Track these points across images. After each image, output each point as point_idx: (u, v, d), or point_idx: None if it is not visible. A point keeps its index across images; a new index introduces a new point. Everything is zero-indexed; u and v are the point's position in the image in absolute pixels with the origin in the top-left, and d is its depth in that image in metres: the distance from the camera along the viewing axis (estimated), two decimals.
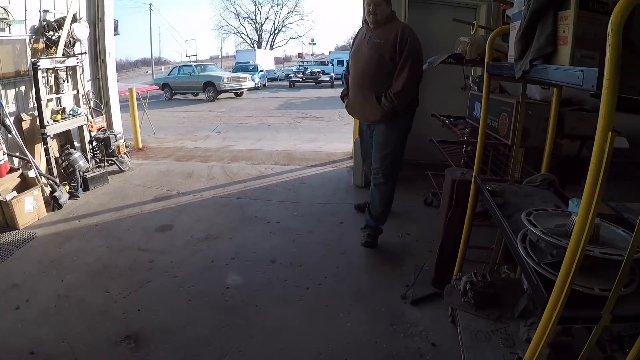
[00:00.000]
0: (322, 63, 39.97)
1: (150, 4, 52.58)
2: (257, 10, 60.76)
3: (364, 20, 4.41)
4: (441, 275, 3.42)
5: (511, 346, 2.45)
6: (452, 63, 3.91)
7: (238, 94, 26.70)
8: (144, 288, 3.94)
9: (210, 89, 24.91)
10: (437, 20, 6.38)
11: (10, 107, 6.09)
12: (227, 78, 25.57)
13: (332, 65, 38.02)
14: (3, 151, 5.52)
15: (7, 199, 5.30)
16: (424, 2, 6.53)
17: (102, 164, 7.52)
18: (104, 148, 7.59)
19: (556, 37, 1.65)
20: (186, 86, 26.52)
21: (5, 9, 5.77)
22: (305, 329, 3.31)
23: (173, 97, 26.92)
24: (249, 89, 27.96)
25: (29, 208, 5.54)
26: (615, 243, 1.70)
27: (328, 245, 4.62)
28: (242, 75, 27.81)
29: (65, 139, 7.11)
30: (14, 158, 5.94)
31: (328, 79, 33.33)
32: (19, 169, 5.87)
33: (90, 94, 7.76)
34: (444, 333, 3.12)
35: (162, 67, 61.95)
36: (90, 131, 7.50)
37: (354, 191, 6.09)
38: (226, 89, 25.20)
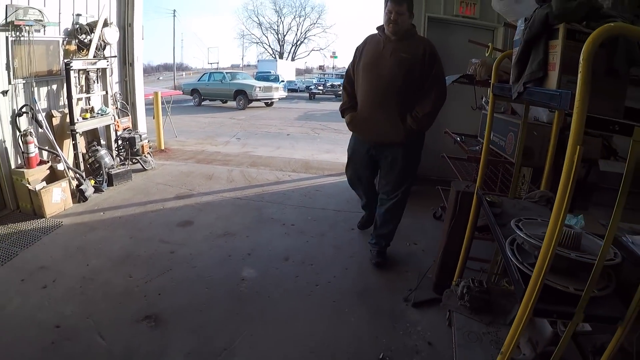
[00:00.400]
0: (342, 76, 39.18)
1: (174, 10, 53.15)
2: (279, 20, 60.44)
3: (380, 29, 4.15)
4: (442, 282, 3.63)
5: (500, 348, 2.69)
6: (465, 83, 4.13)
7: (269, 104, 26.14)
8: (165, 275, 4.24)
9: (242, 97, 24.40)
10: (456, 40, 6.55)
11: (42, 104, 6.43)
12: (259, 87, 24.84)
13: None
14: (34, 144, 5.87)
15: (37, 189, 5.66)
16: (443, 22, 6.75)
17: (127, 162, 7.92)
18: (129, 147, 7.97)
19: (547, 63, 1.91)
20: (216, 93, 26.13)
21: (40, 12, 6.12)
22: (313, 321, 3.58)
23: (202, 104, 26.50)
24: (280, 99, 27.37)
25: (57, 199, 5.89)
26: (595, 251, 1.94)
27: (338, 248, 4.87)
28: (274, 85, 27.33)
29: (92, 136, 7.47)
30: (44, 151, 6.25)
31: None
32: (48, 162, 6.22)
33: (118, 95, 8.19)
34: (440, 334, 3.34)
35: (184, 73, 62.41)
36: (116, 130, 7.90)
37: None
38: (258, 98, 24.59)
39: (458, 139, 4.72)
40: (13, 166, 5.91)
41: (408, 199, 4.52)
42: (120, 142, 7.99)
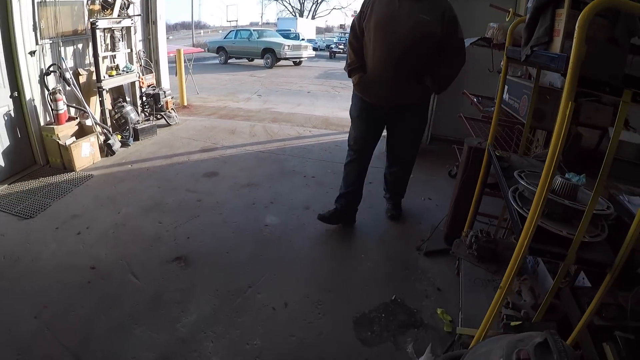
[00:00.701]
0: None
1: None
2: None
3: None
4: (453, 233, 3.83)
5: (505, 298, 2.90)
6: (483, 46, 4.23)
7: (297, 63, 25.38)
8: (193, 221, 4.53)
9: (269, 55, 23.47)
10: (478, 4, 6.47)
11: (69, 63, 6.63)
12: (288, 45, 23.89)
13: None
14: (63, 101, 6.12)
15: (67, 144, 5.93)
16: None
17: (151, 118, 8.21)
18: (154, 103, 8.25)
19: (552, 29, 2.09)
20: (243, 51, 25.21)
21: None
22: (331, 263, 3.88)
23: (228, 62, 25.78)
24: (308, 58, 26.62)
25: (86, 153, 6.16)
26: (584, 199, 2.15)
27: None
28: (302, 43, 26.24)
29: (118, 93, 7.69)
30: (71, 108, 6.51)
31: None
32: (76, 118, 6.47)
33: (142, 52, 8.40)
34: (449, 281, 3.59)
35: (202, 32, 61.89)
36: (141, 87, 8.15)
37: (384, 157, 6.52)
38: (286, 56, 23.72)
39: (475, 99, 4.77)
40: (42, 123, 6.18)
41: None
42: (144, 98, 8.24)
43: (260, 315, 3.18)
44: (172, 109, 8.72)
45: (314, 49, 36.10)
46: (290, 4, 59.05)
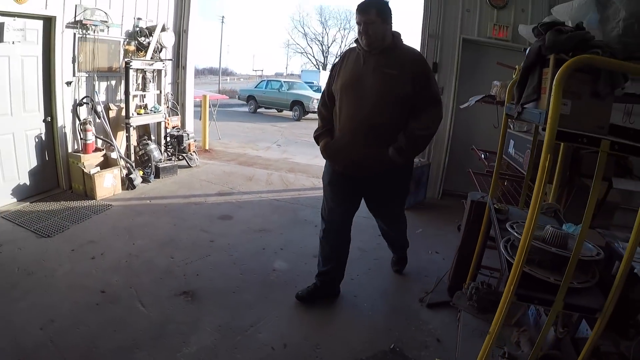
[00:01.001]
0: None
1: (223, 17, 54.25)
2: (324, 32, 58.88)
3: (358, 42, 3.46)
4: (456, 285, 3.88)
5: (502, 345, 2.95)
6: (489, 102, 4.38)
7: None
8: (204, 260, 4.67)
9: (298, 107, 23.18)
10: (488, 61, 6.69)
11: (101, 97, 7.06)
12: (317, 99, 21.69)
13: None
14: (92, 132, 6.50)
15: (91, 172, 6.27)
16: (477, 43, 7.00)
17: (173, 158, 8.49)
18: (177, 144, 8.55)
19: (540, 87, 2.24)
20: (272, 101, 25.01)
21: (106, 13, 6.77)
22: (334, 310, 3.95)
23: (257, 111, 25.68)
24: None
25: (108, 184, 6.46)
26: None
27: (364, 251, 5.19)
28: None
29: (144, 131, 8.08)
30: (99, 140, 6.86)
31: None
32: (102, 150, 6.84)
33: (170, 95, 8.82)
34: (450, 333, 3.61)
35: (228, 78, 63.23)
36: (166, 127, 8.47)
37: None
38: (314, 110, 21.41)
39: (482, 155, 4.89)
40: (70, 150, 6.58)
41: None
42: (169, 138, 8.55)
43: (259, 353, 3.26)
44: (194, 151, 9.01)
45: None
46: (314, 56, 59.89)
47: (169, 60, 8.54)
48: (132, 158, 7.33)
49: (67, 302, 3.68)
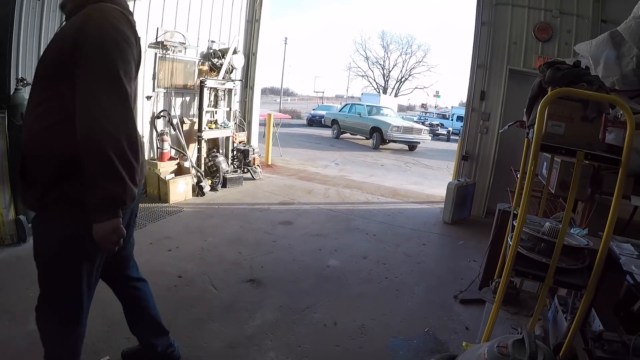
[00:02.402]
0: (443, 117, 38.56)
1: (286, 38, 55.71)
2: (386, 56, 60.35)
3: None
4: (485, 283, 4.36)
5: (516, 331, 3.41)
6: (521, 127, 4.81)
7: (411, 147, 21.42)
8: (267, 255, 5.34)
9: (376, 135, 20.63)
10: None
11: (177, 111, 7.91)
12: (397, 127, 20.28)
13: (452, 120, 35.59)
14: (168, 143, 7.36)
15: (166, 178, 7.09)
16: (523, 74, 7.37)
17: (239, 170, 9.32)
18: (243, 158, 9.39)
19: None
20: (354, 127, 22.93)
21: (184, 36, 7.75)
22: (378, 300, 4.51)
23: (341, 136, 23.96)
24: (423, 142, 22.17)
25: (180, 189, 7.28)
26: (571, 242, 2.77)
27: (409, 255, 5.75)
28: (415, 125, 22.62)
29: (213, 144, 8.94)
30: (173, 150, 7.69)
31: (445, 132, 31.37)
32: (176, 159, 7.69)
33: (238, 112, 9.74)
34: (477, 323, 4.07)
35: (289, 99, 64.33)
36: (233, 142, 9.35)
37: (441, 225, 7.18)
38: (393, 138, 20.16)
39: (517, 175, 5.31)
40: (147, 157, 7.39)
41: (66, 329, 2.40)
42: (235, 152, 9.41)
43: (313, 328, 3.87)
44: (258, 165, 9.82)
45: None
46: (375, 80, 60.01)
47: (239, 80, 9.46)
48: (202, 168, 8.14)
49: (149, 284, 4.32)
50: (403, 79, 59.75)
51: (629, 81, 3.73)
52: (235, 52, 8.86)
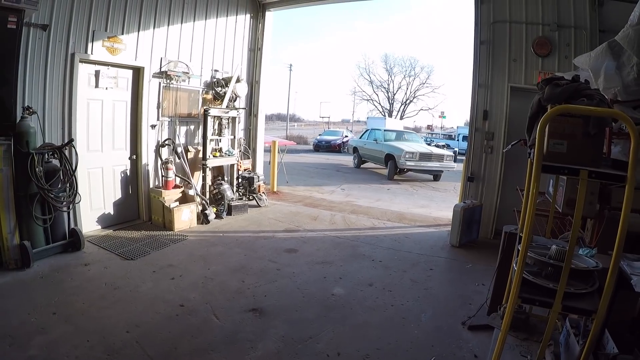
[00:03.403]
0: (449, 137, 38.54)
1: (291, 65, 56.30)
2: (390, 79, 60.15)
3: None
4: (494, 307, 4.28)
5: (526, 358, 3.33)
6: (524, 146, 4.74)
7: (436, 177, 18.12)
8: (271, 284, 5.26)
9: (390, 163, 17.62)
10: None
11: (181, 140, 7.98)
12: (411, 153, 17.09)
13: (458, 140, 34.73)
14: (173, 171, 7.37)
15: (171, 206, 7.08)
16: (524, 90, 7.33)
17: (244, 198, 9.30)
18: (248, 185, 9.38)
19: None
20: (372, 155, 20.00)
21: (187, 65, 7.85)
22: (383, 329, 4.39)
23: (363, 166, 21.35)
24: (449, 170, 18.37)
25: (185, 217, 7.27)
26: (579, 265, 2.69)
27: (416, 281, 5.63)
28: (435, 151, 18.60)
29: (218, 172, 8.95)
30: (178, 178, 7.70)
31: (451, 153, 24.42)
32: (181, 187, 7.67)
33: (242, 140, 9.77)
34: (486, 351, 3.95)
35: (295, 124, 64.60)
36: (238, 170, 9.36)
37: (449, 249, 7.05)
38: (408, 167, 17.28)
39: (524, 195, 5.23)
40: (151, 185, 7.53)
41: None
42: (240, 180, 9.42)
43: (316, 359, 3.77)
44: (263, 192, 9.79)
45: None
46: (380, 103, 60.10)
47: (242, 109, 9.50)
48: (207, 196, 8.15)
49: (150, 312, 4.36)
50: (408, 101, 59.83)
51: (631, 91, 3.69)
52: (238, 80, 8.92)
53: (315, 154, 28.57)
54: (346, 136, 34.77)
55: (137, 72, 7.16)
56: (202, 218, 7.66)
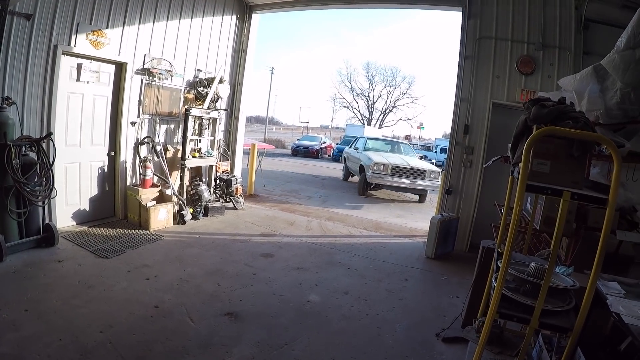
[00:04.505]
0: (427, 148, 38.07)
1: (272, 68, 56.11)
2: (371, 88, 60.42)
3: None
4: (469, 321, 4.31)
5: None
6: (505, 163, 4.79)
7: (421, 198, 14.76)
8: (246, 289, 5.24)
9: (361, 176, 14.94)
10: (515, 124, 7.14)
11: (160, 138, 7.88)
12: (382, 165, 13.89)
13: (435, 152, 35.09)
14: (151, 170, 7.32)
15: (147, 205, 7.02)
16: (506, 107, 7.50)
17: (221, 200, 9.25)
18: (225, 187, 9.36)
19: None
20: (352, 167, 17.19)
21: (170, 63, 7.79)
22: (358, 337, 4.40)
23: (349, 179, 18.37)
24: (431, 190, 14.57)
25: (161, 217, 7.21)
26: (557, 283, 2.72)
27: (391, 291, 5.65)
28: (415, 164, 14.61)
29: (196, 172, 8.87)
30: (156, 176, 7.65)
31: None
32: (158, 186, 7.62)
33: (222, 142, 9.73)
34: None
35: (274, 128, 64.60)
36: (216, 171, 9.33)
37: (424, 260, 7.10)
38: (377, 182, 14.16)
39: (501, 210, 5.29)
40: (128, 183, 7.46)
41: None
42: (218, 181, 9.38)
43: None
44: (240, 195, 9.75)
45: None
46: (359, 111, 60.13)
47: (224, 110, 9.49)
48: (184, 196, 8.09)
49: (124, 313, 4.30)
50: (387, 111, 59.98)
51: (613, 114, 3.76)
52: (221, 81, 8.87)
53: (293, 159, 28.43)
54: (324, 142, 34.89)
55: (120, 68, 7.07)
56: (179, 218, 7.59)
